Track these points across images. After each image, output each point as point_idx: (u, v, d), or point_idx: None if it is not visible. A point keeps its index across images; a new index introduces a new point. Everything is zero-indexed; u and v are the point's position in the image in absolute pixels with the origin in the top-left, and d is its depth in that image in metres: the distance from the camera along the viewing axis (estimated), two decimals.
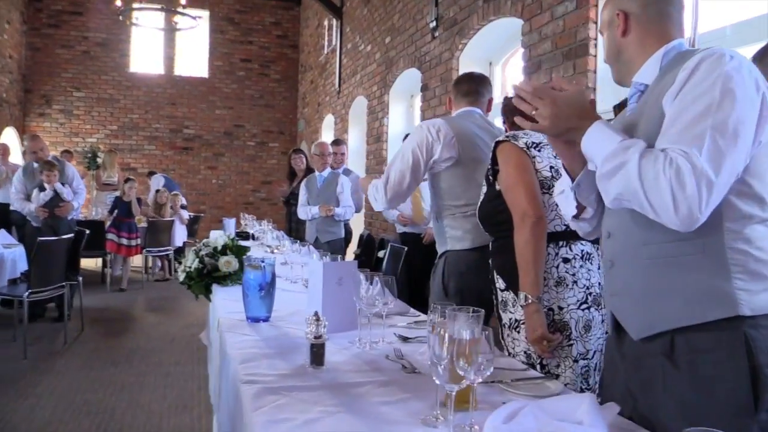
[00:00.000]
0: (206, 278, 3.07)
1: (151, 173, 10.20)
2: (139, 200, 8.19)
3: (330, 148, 5.62)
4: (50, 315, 5.88)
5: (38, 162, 6.11)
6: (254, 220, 6.41)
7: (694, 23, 3.15)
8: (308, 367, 1.59)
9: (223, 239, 3.18)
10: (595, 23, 3.66)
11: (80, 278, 5.48)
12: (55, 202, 6.00)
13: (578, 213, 1.49)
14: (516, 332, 1.97)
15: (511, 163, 1.98)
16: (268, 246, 4.18)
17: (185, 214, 8.96)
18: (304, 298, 2.60)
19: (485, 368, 1.17)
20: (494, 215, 2.09)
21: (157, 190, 8.80)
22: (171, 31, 11.25)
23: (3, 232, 5.82)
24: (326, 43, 11.34)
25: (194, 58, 13.09)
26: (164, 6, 9.46)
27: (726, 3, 3.08)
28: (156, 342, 5.28)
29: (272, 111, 13.72)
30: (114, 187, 9.11)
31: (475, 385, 1.21)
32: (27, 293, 4.67)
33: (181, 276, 3.14)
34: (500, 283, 2.06)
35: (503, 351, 2.03)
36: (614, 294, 1.39)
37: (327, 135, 11.07)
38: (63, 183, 6.08)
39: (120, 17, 9.45)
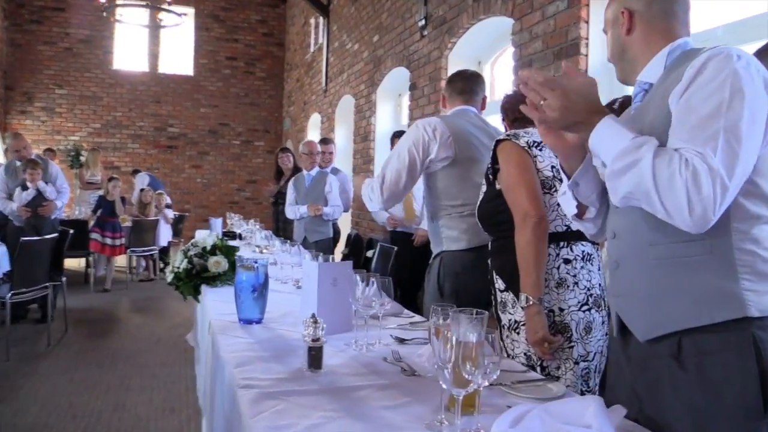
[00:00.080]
0: (195, 279, 3.02)
1: (136, 172, 10.07)
2: (123, 199, 8.09)
3: (318, 147, 5.58)
4: (33, 316, 5.78)
5: (21, 160, 6.01)
6: (241, 220, 6.36)
7: None
8: (306, 371, 1.56)
9: (212, 239, 3.14)
10: (587, 23, 3.65)
11: (64, 279, 5.39)
12: (38, 202, 5.90)
13: (580, 213, 1.46)
14: (515, 333, 1.94)
15: (512, 163, 1.95)
16: (257, 246, 4.13)
17: (170, 214, 8.87)
18: (296, 299, 2.57)
19: (491, 371, 1.15)
20: (494, 215, 2.06)
21: (142, 189, 8.70)
22: (155, 28, 11.13)
23: None
24: (313, 42, 11.28)
25: (179, 56, 12.96)
26: (149, 2, 9.36)
27: (718, 3, 3.08)
28: (141, 343, 5.20)
29: (258, 109, 13.64)
30: (97, 186, 9.00)
31: (481, 389, 1.19)
32: (9, 294, 4.59)
33: (170, 276, 3.09)
34: (500, 284, 2.03)
35: (502, 352, 2.00)
36: (619, 295, 1.37)
37: (313, 134, 11.02)
38: (46, 182, 5.98)
39: (103, 14, 9.31)
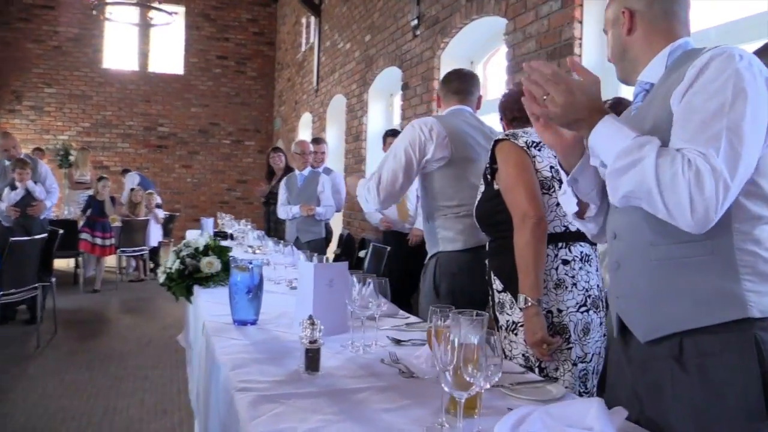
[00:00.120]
0: (187, 279, 2.99)
1: (126, 171, 9.99)
2: (113, 199, 8.02)
3: (311, 147, 5.56)
4: (21, 317, 5.71)
5: (10, 160, 5.94)
6: (232, 220, 6.32)
7: None
8: (303, 373, 1.54)
9: (205, 239, 3.11)
10: (581, 23, 3.65)
11: (53, 279, 5.33)
12: (27, 201, 5.83)
13: (581, 212, 1.45)
14: (513, 334, 1.93)
15: (511, 163, 1.93)
16: (250, 246, 4.11)
17: (161, 214, 8.81)
18: (290, 300, 2.54)
19: (493, 374, 1.14)
20: (492, 215, 2.05)
21: (132, 189, 8.64)
22: (145, 27, 11.07)
23: None
24: (304, 41, 11.24)
25: (169, 55, 12.89)
26: (139, 1, 9.29)
27: (711, 4, 3.09)
28: (132, 345, 5.15)
29: (248, 109, 13.60)
30: (86, 186, 8.93)
31: (482, 391, 1.18)
32: None
33: (162, 277, 3.06)
34: (497, 285, 2.02)
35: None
36: (620, 296, 1.37)
37: (304, 133, 10.99)
38: (35, 182, 5.92)
39: (93, 12, 9.24)
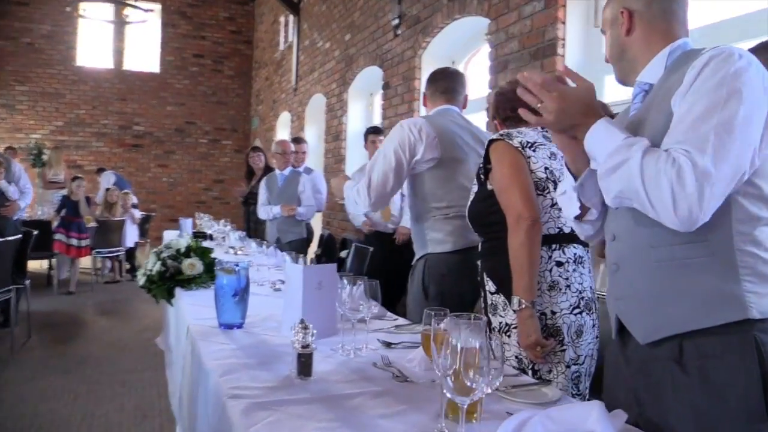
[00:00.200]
0: (169, 282, 2.94)
1: (101, 170, 9.81)
2: (88, 199, 7.86)
3: (291, 147, 5.50)
4: None
5: None
6: (211, 220, 6.23)
7: None
8: (295, 378, 1.51)
9: (186, 241, 3.06)
10: (564, 23, 3.66)
11: (27, 281, 5.20)
12: (0, 202, 5.69)
13: (581, 214, 1.45)
14: (506, 336, 1.92)
15: (506, 163, 1.92)
16: (232, 247, 4.04)
17: (137, 214, 8.67)
18: (275, 302, 2.51)
19: (495, 378, 1.12)
20: (485, 216, 2.03)
21: (108, 189, 8.48)
22: (120, 24, 10.89)
23: None
24: (282, 40, 11.16)
25: (145, 53, 12.69)
26: None
27: (694, 5, 3.11)
28: (109, 348, 5.05)
29: (225, 108, 13.47)
30: (60, 185, 8.75)
31: (483, 396, 1.16)
32: None
33: (142, 279, 2.99)
34: (490, 286, 2.00)
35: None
36: (619, 298, 1.36)
37: (283, 133, 10.91)
38: (9, 181, 5.77)
39: (67, 9, 9.06)
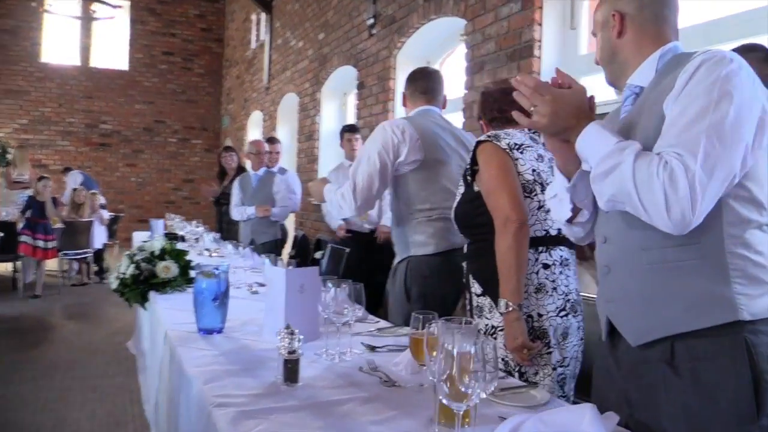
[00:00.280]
0: (143, 285, 2.87)
1: (67, 170, 9.56)
2: (54, 200, 7.66)
3: (266, 146, 5.44)
4: None
5: None
6: (183, 221, 6.12)
7: None
8: (282, 385, 1.47)
9: (161, 243, 2.99)
10: (540, 25, 3.69)
11: None
12: None
13: (572, 217, 1.45)
14: (492, 339, 1.91)
15: (494, 165, 1.91)
16: (207, 249, 3.97)
17: (105, 215, 8.48)
18: (253, 305, 2.46)
19: (490, 383, 1.11)
20: (472, 217, 2.02)
21: (75, 189, 8.27)
22: (88, 20, 10.64)
23: None
24: (254, 38, 11.05)
25: (113, 50, 12.44)
26: None
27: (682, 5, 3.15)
28: (79, 353, 4.91)
29: (195, 106, 13.31)
30: (25, 185, 8.53)
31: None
32: None
33: (114, 283, 2.92)
34: (476, 288, 1.99)
35: None
36: (611, 300, 1.36)
37: (254, 132, 10.80)
38: None
39: (32, 4, 8.82)
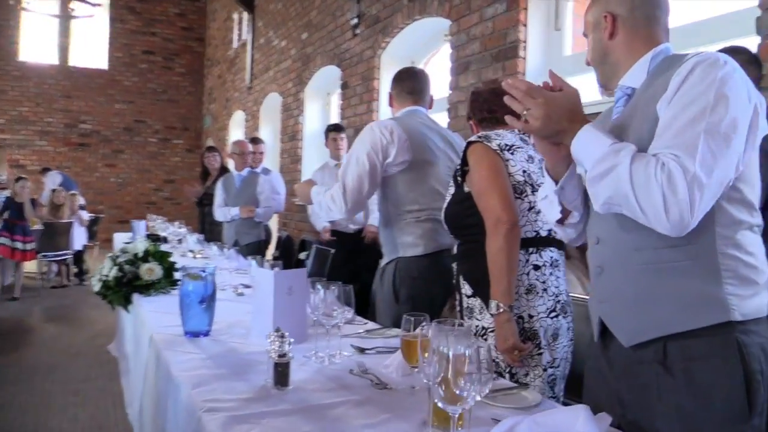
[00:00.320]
0: (126, 287, 2.84)
1: (46, 170, 9.42)
2: (33, 200, 7.54)
3: (250, 147, 5.39)
4: None
5: None
6: (165, 222, 6.05)
7: None
8: (272, 389, 1.45)
9: (144, 244, 2.96)
10: (525, 26, 3.70)
11: None
12: None
13: (563, 218, 1.45)
14: (483, 340, 1.91)
15: (484, 166, 1.90)
16: (191, 251, 3.93)
17: (85, 216, 8.37)
18: (239, 307, 2.44)
19: (485, 385, 1.10)
20: (462, 218, 2.01)
21: (54, 190, 8.15)
22: (66, 19, 10.50)
23: None
24: (236, 37, 10.97)
25: (92, 49, 12.28)
26: None
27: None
28: (59, 356, 4.84)
29: (176, 106, 13.19)
30: (2, 186, 8.36)
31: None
32: None
33: (97, 285, 2.88)
34: (467, 289, 1.99)
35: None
36: (604, 300, 1.36)
37: (236, 132, 10.73)
38: None
39: (10, 1, 8.68)
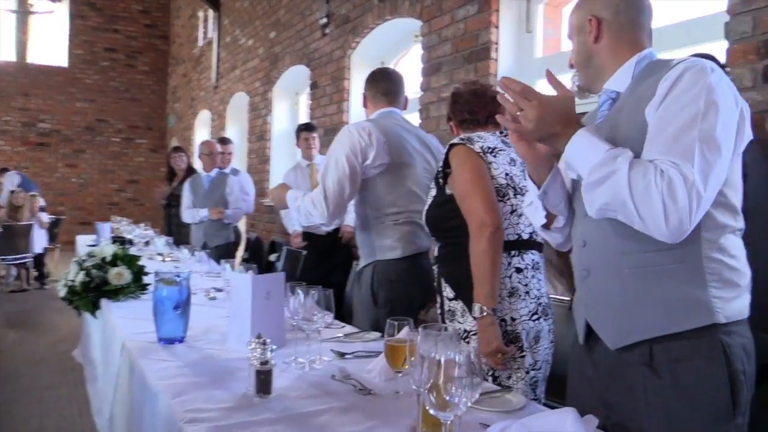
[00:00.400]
0: (93, 293, 2.75)
1: (4, 170, 9.14)
2: None
3: (218, 147, 5.31)
4: None
5: None
6: (130, 224, 5.92)
7: None
8: (254, 397, 1.42)
9: (112, 248, 2.88)
10: (497, 27, 3.72)
11: None
12: None
13: (548, 223, 1.45)
14: (465, 343, 1.90)
15: (467, 168, 1.89)
16: (160, 254, 3.84)
17: (45, 218, 8.14)
18: (213, 312, 2.40)
19: (476, 389, 1.09)
20: (444, 221, 2.00)
21: (12, 191, 7.91)
22: (25, 14, 10.19)
23: None
24: (201, 36, 10.80)
25: (51, 46, 11.95)
26: None
27: None
28: (21, 363, 4.68)
29: (139, 105, 12.95)
30: None
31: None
32: None
33: (62, 291, 2.79)
34: (448, 292, 1.98)
35: None
36: (590, 303, 1.37)
37: (202, 132, 10.57)
38: None
39: None
